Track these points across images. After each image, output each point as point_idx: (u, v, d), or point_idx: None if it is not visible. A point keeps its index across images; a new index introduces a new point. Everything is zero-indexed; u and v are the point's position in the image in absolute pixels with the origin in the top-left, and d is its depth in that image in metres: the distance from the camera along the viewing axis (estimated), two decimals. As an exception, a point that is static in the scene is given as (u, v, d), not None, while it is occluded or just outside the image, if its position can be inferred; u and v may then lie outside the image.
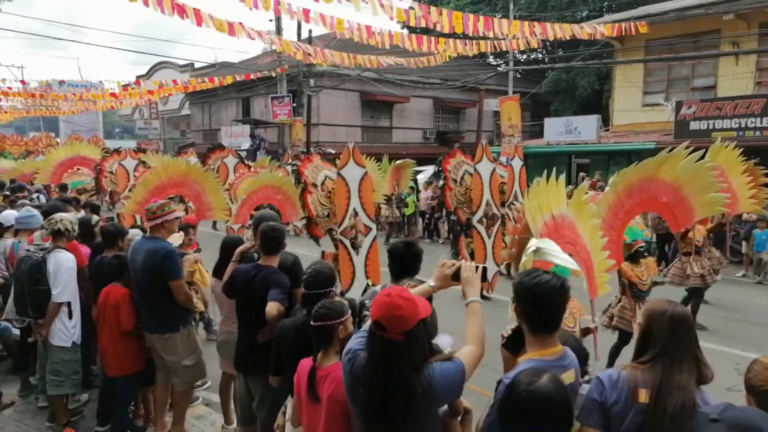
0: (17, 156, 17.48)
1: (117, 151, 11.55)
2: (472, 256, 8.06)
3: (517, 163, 8.25)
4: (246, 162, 11.78)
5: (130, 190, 8.96)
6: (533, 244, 2.74)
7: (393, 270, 3.13)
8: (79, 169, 12.31)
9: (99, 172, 11.11)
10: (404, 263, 3.11)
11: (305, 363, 2.66)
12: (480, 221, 7.81)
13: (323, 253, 6.02)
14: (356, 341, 2.23)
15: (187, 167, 7.01)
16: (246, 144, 23.82)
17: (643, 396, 1.96)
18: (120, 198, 9.83)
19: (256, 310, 3.51)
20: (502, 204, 8.31)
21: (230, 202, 8.05)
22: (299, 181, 5.98)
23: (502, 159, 13.68)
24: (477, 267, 2.40)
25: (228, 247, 4.23)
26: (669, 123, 15.86)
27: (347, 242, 5.66)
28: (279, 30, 20.12)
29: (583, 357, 2.49)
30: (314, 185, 5.95)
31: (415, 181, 15.18)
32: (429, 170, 18.75)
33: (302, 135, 21.48)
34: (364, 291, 5.08)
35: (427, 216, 15.27)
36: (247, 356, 3.74)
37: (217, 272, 4.25)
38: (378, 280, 5.68)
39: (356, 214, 5.66)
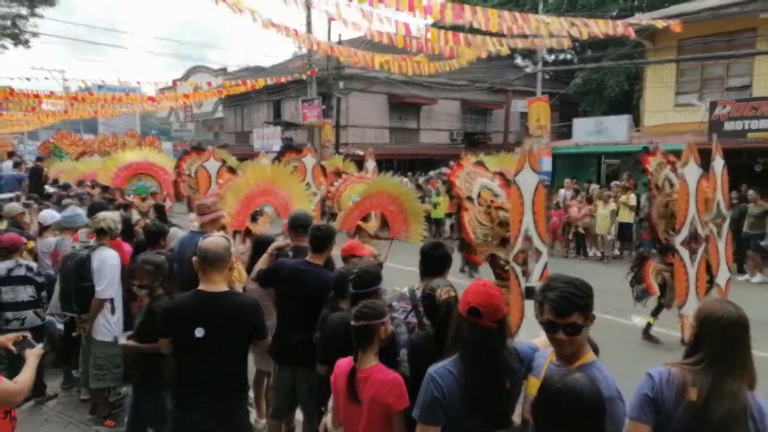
0: (74, 156, 17.04)
1: (196, 149, 10.19)
2: (662, 288, 6.30)
3: (719, 164, 6.08)
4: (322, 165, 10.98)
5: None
6: None
7: (420, 269, 3.21)
8: (142, 174, 10.67)
9: (177, 175, 9.84)
10: (428, 263, 3.17)
11: (343, 363, 2.67)
12: (684, 243, 5.93)
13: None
14: (436, 368, 2.22)
15: (273, 172, 6.26)
16: (277, 146, 24.15)
17: (694, 394, 1.94)
18: (199, 206, 8.62)
19: (304, 305, 3.61)
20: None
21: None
22: (451, 195, 4.81)
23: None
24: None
25: (260, 244, 4.35)
26: (703, 123, 15.48)
27: (518, 270, 4.42)
28: (310, 32, 20.33)
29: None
30: (470, 199, 4.74)
31: None
32: None
33: (332, 136, 21.73)
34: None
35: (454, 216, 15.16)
36: (291, 349, 3.74)
37: (251, 269, 4.32)
38: None
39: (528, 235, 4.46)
